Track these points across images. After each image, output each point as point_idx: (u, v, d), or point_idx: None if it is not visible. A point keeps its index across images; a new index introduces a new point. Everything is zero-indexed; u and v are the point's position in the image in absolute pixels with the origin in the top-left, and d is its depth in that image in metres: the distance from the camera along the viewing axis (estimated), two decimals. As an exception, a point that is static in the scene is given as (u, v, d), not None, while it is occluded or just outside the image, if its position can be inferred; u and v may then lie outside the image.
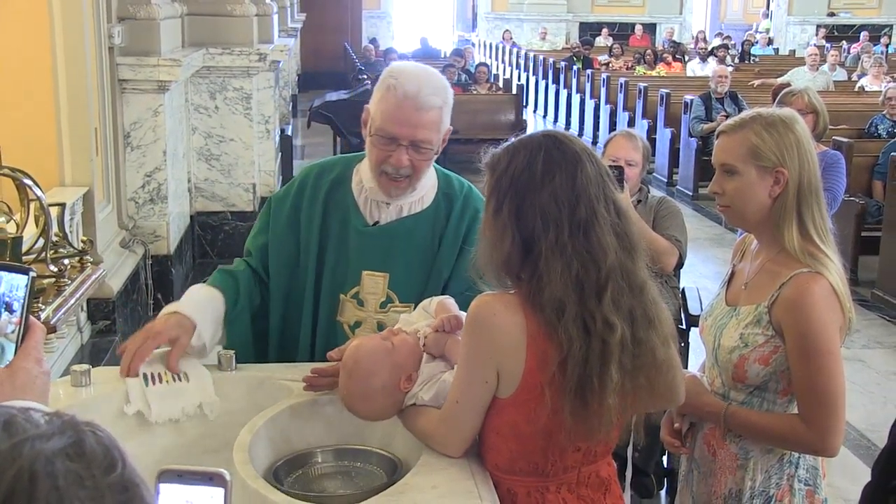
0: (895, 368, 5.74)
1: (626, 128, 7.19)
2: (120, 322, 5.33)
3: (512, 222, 1.79)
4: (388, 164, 2.33)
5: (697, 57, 16.07)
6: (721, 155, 2.25)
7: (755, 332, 2.18)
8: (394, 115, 2.30)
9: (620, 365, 1.75)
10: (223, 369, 2.30)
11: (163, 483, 1.10)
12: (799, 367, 2.12)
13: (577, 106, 14.50)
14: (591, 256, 1.75)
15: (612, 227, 1.78)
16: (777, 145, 2.17)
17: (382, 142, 2.32)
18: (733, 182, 2.21)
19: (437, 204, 2.48)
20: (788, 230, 2.17)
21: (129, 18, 5.93)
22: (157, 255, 6.20)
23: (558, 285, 1.74)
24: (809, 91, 4.65)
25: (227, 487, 1.08)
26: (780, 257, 2.19)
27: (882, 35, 21.31)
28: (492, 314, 1.80)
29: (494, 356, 1.80)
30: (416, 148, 2.32)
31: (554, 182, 1.77)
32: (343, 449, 2.10)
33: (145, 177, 6.12)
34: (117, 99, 5.89)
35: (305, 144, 12.88)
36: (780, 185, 2.18)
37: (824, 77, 12.45)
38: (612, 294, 1.75)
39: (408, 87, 2.29)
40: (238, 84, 7.31)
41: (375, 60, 15.26)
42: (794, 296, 2.12)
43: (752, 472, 2.24)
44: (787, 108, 2.35)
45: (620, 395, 1.76)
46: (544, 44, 21.33)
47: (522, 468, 1.88)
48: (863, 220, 7.22)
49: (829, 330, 2.11)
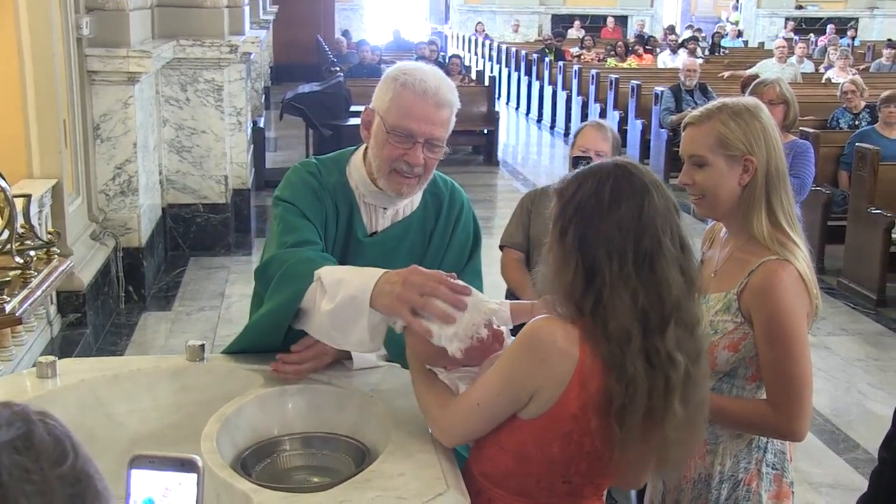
0: (859, 355, 5.83)
1: (596, 118, 7.23)
2: (90, 315, 5.31)
3: (575, 249, 1.76)
4: (403, 162, 2.28)
5: (668, 49, 16.15)
6: (689, 146, 2.26)
7: (724, 319, 2.20)
8: (412, 112, 2.25)
9: (683, 399, 1.74)
10: (191, 360, 2.32)
11: (135, 469, 1.10)
12: (767, 353, 2.14)
13: (548, 97, 14.55)
14: (656, 289, 1.73)
15: (677, 261, 1.76)
16: (744, 134, 2.19)
17: (398, 139, 2.26)
18: (703, 173, 2.23)
19: (426, 204, 2.47)
20: (757, 218, 2.19)
21: (97, 9, 5.90)
22: (129, 248, 6.18)
23: (624, 315, 1.72)
24: (781, 82, 4.70)
25: (200, 473, 1.09)
26: (748, 245, 2.22)
27: (848, 28, 21.53)
28: (553, 340, 1.77)
29: (537, 381, 1.79)
30: (431, 146, 2.29)
31: (620, 211, 1.74)
32: (311, 437, 2.11)
33: (116, 169, 6.09)
34: (86, 90, 5.85)
35: (278, 137, 12.83)
36: (749, 174, 2.20)
37: (792, 69, 12.56)
38: (674, 329, 1.74)
39: (428, 84, 2.26)
40: (209, 76, 7.28)
41: (347, 52, 15.22)
42: (763, 283, 2.14)
43: (721, 457, 2.26)
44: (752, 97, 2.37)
45: (677, 430, 1.75)
46: (517, 36, 21.37)
47: (512, 486, 1.89)
48: (829, 209, 7.31)
49: (796, 316, 2.13)
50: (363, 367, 2.32)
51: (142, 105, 6.31)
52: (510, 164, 12.03)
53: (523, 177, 11.22)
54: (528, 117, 15.55)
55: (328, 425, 2.15)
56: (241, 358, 2.38)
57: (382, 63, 13.77)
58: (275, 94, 15.43)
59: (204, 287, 6.77)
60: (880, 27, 23.85)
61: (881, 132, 7.51)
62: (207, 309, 6.32)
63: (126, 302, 6.21)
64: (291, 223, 2.30)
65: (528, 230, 3.87)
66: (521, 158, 12.97)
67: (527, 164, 12.43)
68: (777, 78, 4.93)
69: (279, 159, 11.39)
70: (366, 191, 2.40)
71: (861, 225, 6.90)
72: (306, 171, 2.41)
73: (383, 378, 2.29)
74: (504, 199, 9.82)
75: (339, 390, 2.22)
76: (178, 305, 6.41)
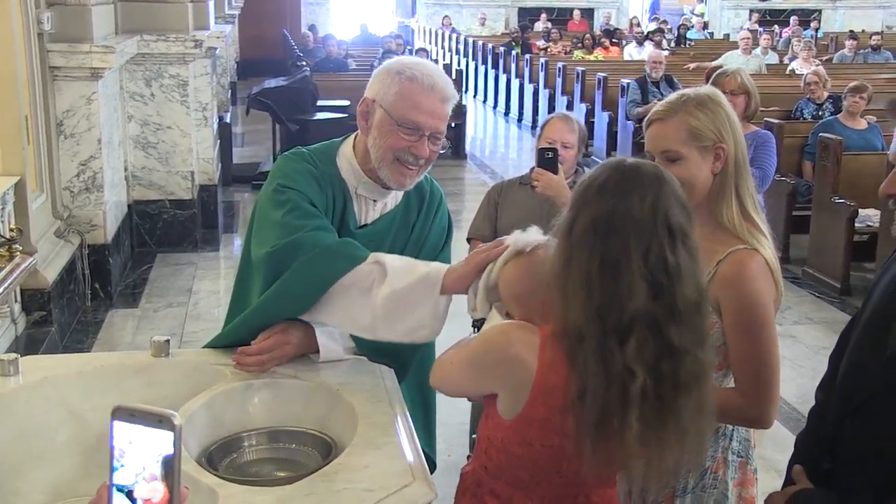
0: (824, 343, 5.89)
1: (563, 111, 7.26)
2: (56, 313, 5.26)
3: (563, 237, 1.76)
4: (409, 153, 2.32)
5: (634, 41, 16.24)
6: (660, 142, 2.25)
7: None
8: (421, 106, 2.30)
9: (642, 416, 1.70)
10: (157, 356, 2.30)
11: (116, 420, 1.12)
12: (737, 341, 2.15)
13: (516, 90, 14.58)
14: (617, 296, 1.69)
15: (649, 279, 1.69)
16: (713, 122, 2.20)
17: (405, 131, 2.30)
18: (678, 167, 2.20)
19: (409, 198, 2.51)
20: (728, 206, 2.20)
21: (58, 4, 5.83)
22: (94, 245, 6.12)
23: (580, 312, 1.71)
24: (741, 72, 4.73)
25: (176, 431, 1.10)
26: (716, 234, 2.22)
27: (811, 19, 21.75)
28: (505, 349, 1.81)
29: (493, 383, 1.84)
30: (434, 139, 2.34)
31: (598, 206, 1.73)
32: (277, 431, 2.12)
33: (80, 165, 6.03)
34: (49, 86, 5.79)
35: (245, 132, 12.76)
36: (721, 161, 2.21)
37: (757, 60, 12.67)
38: (637, 342, 1.70)
39: (434, 80, 2.31)
40: (174, 71, 7.23)
41: (314, 47, 15.16)
42: (733, 272, 2.15)
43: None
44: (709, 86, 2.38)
45: (643, 445, 1.72)
46: (483, 29, 21.37)
47: (508, 478, 1.90)
48: (793, 199, 7.38)
49: (766, 304, 2.15)
50: (330, 359, 2.32)
51: (106, 101, 6.25)
52: (478, 158, 12.04)
53: (491, 170, 11.24)
54: (496, 110, 15.58)
55: (295, 419, 2.15)
56: (206, 353, 2.38)
57: (349, 57, 13.74)
58: (241, 89, 15.33)
59: (171, 283, 6.73)
60: (842, 19, 24.12)
61: (844, 122, 7.60)
62: (175, 305, 6.28)
63: (92, 299, 6.16)
64: (306, 209, 2.30)
65: (496, 223, 3.88)
66: (489, 152, 12.99)
67: (495, 158, 12.45)
68: (737, 68, 4.95)
69: (246, 155, 11.33)
70: (357, 182, 2.42)
71: (825, 214, 6.97)
72: (303, 160, 2.42)
73: (350, 371, 2.29)
74: (472, 192, 9.82)
75: (305, 384, 2.22)
76: (145, 302, 6.36)
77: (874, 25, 22.24)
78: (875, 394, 1.77)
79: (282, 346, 2.26)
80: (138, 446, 1.12)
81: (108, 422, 1.11)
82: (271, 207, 2.32)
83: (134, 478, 1.13)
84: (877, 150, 7.34)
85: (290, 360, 2.28)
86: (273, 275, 2.25)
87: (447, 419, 3.47)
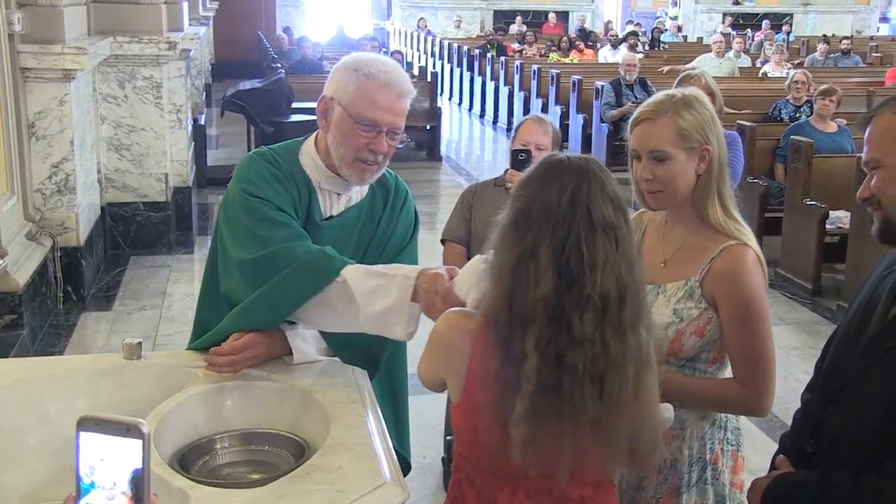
0: (796, 344, 5.95)
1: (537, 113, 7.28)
2: (27, 316, 5.22)
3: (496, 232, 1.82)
4: (368, 151, 2.35)
5: (609, 44, 16.32)
6: (648, 142, 2.26)
7: (688, 306, 2.24)
8: (377, 103, 2.32)
9: (531, 402, 1.72)
10: (129, 357, 2.29)
11: (83, 431, 1.10)
12: (736, 334, 2.19)
13: (491, 93, 14.61)
14: (524, 285, 1.73)
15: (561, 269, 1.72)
16: (699, 124, 2.23)
17: (363, 128, 2.33)
18: (664, 167, 2.23)
19: (374, 192, 2.54)
20: (712, 205, 2.24)
21: (30, 5, 5.78)
22: (67, 247, 6.07)
23: (493, 301, 1.77)
24: (705, 74, 4.80)
25: (145, 440, 1.09)
26: (702, 232, 2.26)
27: (783, 23, 21.94)
28: (444, 334, 1.89)
29: (440, 370, 1.91)
30: (392, 135, 2.37)
31: (521, 200, 1.78)
32: (250, 433, 2.11)
33: (52, 167, 5.98)
34: (20, 88, 5.74)
35: (219, 134, 12.71)
36: (705, 162, 2.23)
37: (730, 63, 12.77)
38: (537, 329, 1.72)
39: (391, 77, 2.34)
40: (148, 73, 7.19)
41: (289, 49, 15.12)
42: (729, 267, 2.19)
43: (689, 441, 2.31)
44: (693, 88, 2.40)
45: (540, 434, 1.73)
46: (459, 32, 21.40)
47: (478, 463, 1.91)
48: (766, 201, 7.44)
49: (761, 297, 2.20)
50: (303, 361, 2.32)
51: (78, 102, 6.20)
52: (453, 160, 12.05)
53: (466, 172, 11.25)
54: (471, 113, 15.60)
55: (267, 421, 2.15)
56: (179, 356, 2.37)
57: (324, 59, 13.71)
58: (216, 90, 15.27)
59: (145, 286, 6.68)
60: (813, 23, 24.37)
61: (815, 125, 7.68)
62: (149, 308, 6.25)
63: (64, 302, 6.10)
64: (274, 219, 2.32)
65: (470, 224, 3.89)
66: (465, 154, 13.00)
67: (470, 160, 12.47)
68: (701, 70, 5.03)
69: (221, 157, 11.28)
70: (321, 177, 2.44)
71: (797, 216, 7.03)
72: (265, 161, 2.44)
73: (322, 373, 2.29)
74: (447, 194, 9.83)
75: (278, 386, 2.22)
76: (118, 305, 6.32)
77: (844, 30, 22.48)
78: (852, 379, 1.85)
79: (254, 347, 2.26)
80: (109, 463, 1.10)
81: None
82: (241, 212, 2.35)
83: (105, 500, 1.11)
84: (847, 153, 7.41)
85: (263, 362, 2.28)
86: (251, 286, 2.28)
87: (421, 420, 3.47)
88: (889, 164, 1.82)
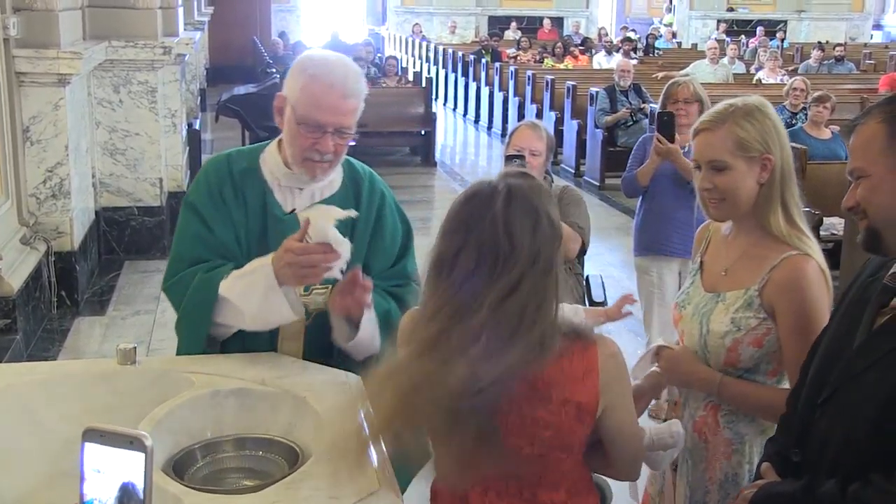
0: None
1: (532, 119, 7.29)
2: (21, 320, 5.21)
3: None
4: (314, 151, 2.38)
5: (604, 50, 16.35)
6: (707, 151, 2.27)
7: (747, 315, 2.23)
8: (321, 104, 2.35)
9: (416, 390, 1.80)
10: (123, 363, 2.29)
11: (87, 442, 1.10)
12: (794, 345, 2.16)
13: (485, 98, 14.62)
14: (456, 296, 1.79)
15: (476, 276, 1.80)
16: (760, 133, 2.22)
17: (308, 130, 2.37)
18: (724, 177, 2.23)
19: (345, 187, 2.55)
20: (774, 215, 2.23)
21: (25, 9, 5.78)
22: (61, 252, 6.06)
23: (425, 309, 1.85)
24: (693, 81, 4.82)
25: (148, 452, 1.09)
26: (764, 242, 2.25)
27: (777, 30, 22.00)
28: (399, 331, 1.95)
29: None
30: (340, 134, 2.39)
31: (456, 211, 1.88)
32: (244, 438, 2.11)
33: (46, 172, 5.98)
34: (14, 92, 5.74)
35: (214, 139, 12.69)
36: (767, 171, 2.23)
37: (724, 70, 12.80)
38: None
39: (334, 77, 2.36)
40: (143, 77, 7.19)
41: (284, 54, 15.13)
42: (789, 277, 2.18)
43: (748, 455, 2.29)
44: (755, 95, 2.40)
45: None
46: (454, 37, 21.43)
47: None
48: (760, 207, 7.44)
49: (823, 308, 2.18)
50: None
51: (73, 107, 6.20)
52: (448, 165, 12.06)
53: (461, 177, 11.26)
54: (466, 118, 15.61)
55: (261, 427, 2.15)
56: (173, 361, 2.37)
57: (319, 64, 13.71)
58: (210, 95, 15.25)
59: (139, 291, 6.67)
60: (807, 29, 24.43)
61: (809, 132, 7.68)
62: (143, 313, 6.24)
63: (58, 307, 6.09)
64: (190, 238, 2.46)
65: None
66: (459, 159, 13.01)
67: (464, 165, 12.47)
68: (689, 77, 5.06)
69: (215, 161, 11.24)
70: (280, 174, 2.49)
71: (790, 222, 7.03)
72: (212, 169, 2.55)
73: (316, 379, 2.29)
74: (441, 199, 9.83)
75: (272, 391, 2.22)
76: (112, 310, 6.31)
77: (838, 37, 22.55)
78: (838, 388, 1.83)
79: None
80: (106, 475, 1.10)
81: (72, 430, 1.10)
82: (181, 216, 2.52)
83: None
84: (841, 160, 7.40)
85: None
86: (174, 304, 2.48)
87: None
88: (873, 174, 1.81)
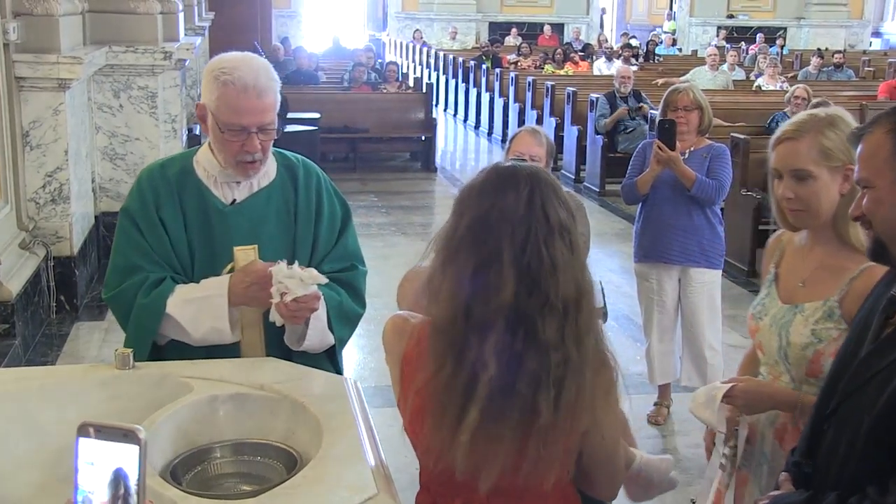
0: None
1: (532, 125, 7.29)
2: (20, 325, 5.20)
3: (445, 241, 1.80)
4: (243, 153, 2.43)
5: (604, 56, 16.37)
6: (791, 160, 2.25)
7: (828, 326, 2.22)
8: (240, 108, 2.40)
9: (485, 410, 1.71)
10: (121, 368, 2.29)
11: (81, 437, 1.11)
12: None
13: (486, 104, 14.64)
14: (485, 292, 1.71)
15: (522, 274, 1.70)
16: (843, 143, 2.20)
17: (233, 134, 2.42)
18: (807, 186, 2.22)
19: (281, 175, 2.61)
20: (853, 225, 2.18)
21: (25, 14, 5.78)
22: (60, 257, 6.06)
23: (446, 307, 1.75)
24: (694, 88, 4.81)
25: (142, 445, 1.10)
26: (842, 252, 2.24)
27: (777, 37, 22.00)
28: (386, 331, 1.92)
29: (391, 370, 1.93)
30: (264, 131, 2.44)
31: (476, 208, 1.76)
32: (242, 444, 2.11)
33: (46, 177, 5.97)
34: (14, 97, 5.74)
35: (214, 144, 12.70)
36: (849, 182, 2.20)
37: (724, 76, 12.81)
38: (497, 335, 1.70)
39: (246, 79, 2.39)
40: (143, 82, 7.19)
41: (285, 59, 15.12)
42: (869, 288, 2.13)
43: None
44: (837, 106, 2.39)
45: (482, 439, 1.72)
46: (454, 43, 21.44)
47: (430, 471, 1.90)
48: (759, 214, 7.45)
49: None
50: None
51: (73, 112, 6.20)
52: (448, 171, 12.07)
53: (461, 183, 11.18)
54: (466, 124, 15.63)
55: (259, 432, 2.15)
56: (171, 366, 2.37)
57: (319, 70, 13.74)
58: (211, 100, 15.24)
59: (138, 296, 6.65)
60: (807, 36, 24.45)
61: (808, 138, 7.69)
62: (142, 318, 6.22)
63: (57, 312, 6.09)
64: (126, 247, 2.50)
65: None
66: (459, 165, 13.02)
67: (465, 171, 12.47)
68: (689, 84, 5.05)
69: (215, 167, 11.26)
70: (216, 172, 2.54)
71: (790, 229, 7.03)
72: (146, 177, 2.57)
73: (315, 384, 2.29)
74: (442, 204, 9.83)
75: (270, 397, 2.22)
76: (111, 315, 6.28)
77: (837, 44, 22.57)
78: (844, 399, 1.83)
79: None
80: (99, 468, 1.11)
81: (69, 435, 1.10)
82: (118, 226, 2.56)
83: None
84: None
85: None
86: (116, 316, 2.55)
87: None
88: (879, 186, 1.81)
